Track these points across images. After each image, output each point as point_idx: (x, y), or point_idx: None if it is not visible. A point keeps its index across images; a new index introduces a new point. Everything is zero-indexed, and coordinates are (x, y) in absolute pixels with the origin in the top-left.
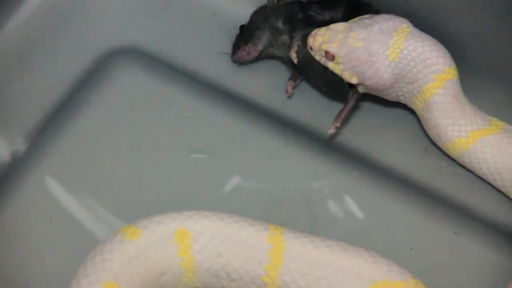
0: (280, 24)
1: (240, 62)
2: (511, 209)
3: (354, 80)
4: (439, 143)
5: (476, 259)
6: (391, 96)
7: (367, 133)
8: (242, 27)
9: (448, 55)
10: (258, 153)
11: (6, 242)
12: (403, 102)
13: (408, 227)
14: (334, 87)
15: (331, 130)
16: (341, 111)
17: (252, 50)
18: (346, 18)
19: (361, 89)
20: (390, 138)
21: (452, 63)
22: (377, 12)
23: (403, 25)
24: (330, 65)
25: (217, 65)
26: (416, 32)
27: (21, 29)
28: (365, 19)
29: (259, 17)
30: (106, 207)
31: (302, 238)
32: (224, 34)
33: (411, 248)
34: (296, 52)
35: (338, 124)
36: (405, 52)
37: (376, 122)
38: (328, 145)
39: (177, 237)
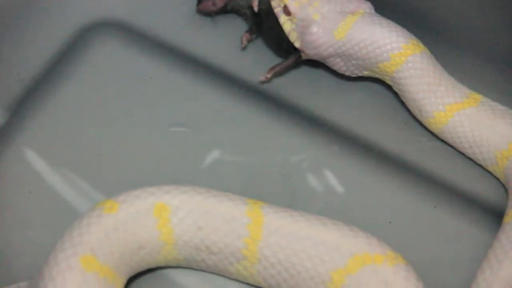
0: None
1: (205, 13)
2: (490, 183)
3: (297, 44)
4: (420, 118)
5: (455, 233)
6: (339, 67)
7: (347, 107)
8: None
9: (402, 33)
10: (238, 127)
11: None
12: (364, 75)
13: (388, 201)
14: (282, 46)
15: (262, 78)
16: (277, 64)
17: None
18: None
19: (303, 55)
20: (370, 112)
21: (409, 40)
22: None
23: (361, 10)
24: (282, 18)
25: (198, 39)
26: (368, 16)
27: (0, 1)
28: None
29: None
30: (85, 180)
31: (281, 212)
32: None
33: (390, 222)
34: (259, 1)
35: (268, 75)
36: (352, 33)
37: (356, 96)
38: (308, 119)
39: (155, 211)
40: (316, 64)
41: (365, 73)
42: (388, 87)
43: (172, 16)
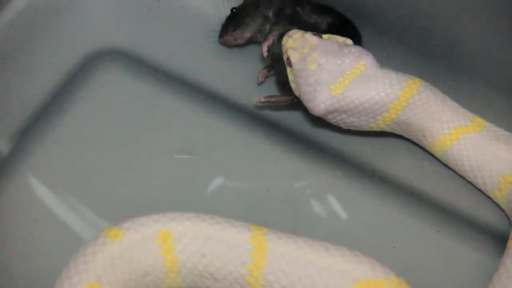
0: (270, 14)
1: (226, 45)
2: (492, 208)
3: (296, 93)
4: (424, 143)
5: (458, 257)
6: (331, 121)
7: (350, 133)
8: (233, 10)
9: (397, 81)
10: (241, 153)
11: None
12: (347, 128)
13: (391, 226)
14: (285, 88)
15: (256, 99)
16: (275, 95)
17: (239, 36)
18: (327, 29)
19: (299, 100)
20: (372, 137)
21: (405, 83)
22: (354, 29)
23: (361, 62)
24: (288, 70)
25: (200, 66)
26: (367, 73)
27: (6, 30)
28: (337, 43)
29: (252, 5)
30: (90, 207)
31: (285, 238)
32: (206, 36)
33: (394, 247)
34: (269, 47)
35: (263, 100)
36: (349, 91)
37: None
38: (311, 145)
39: (160, 238)
40: None
41: (363, 129)
42: None
43: (175, 45)
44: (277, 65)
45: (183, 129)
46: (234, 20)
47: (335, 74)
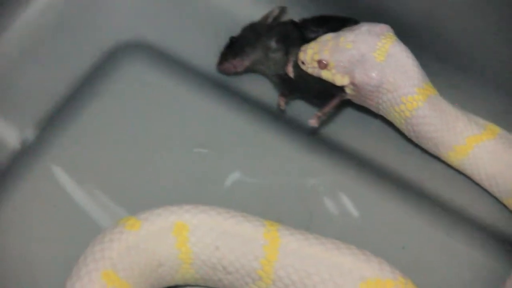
0: (273, 43)
1: (225, 73)
2: (504, 213)
3: (345, 81)
4: (437, 153)
5: (467, 261)
6: (373, 102)
7: (365, 133)
8: (232, 39)
9: (423, 72)
10: (258, 149)
11: (12, 227)
12: (382, 113)
13: (402, 227)
14: (325, 96)
15: (312, 121)
16: (325, 106)
17: (239, 64)
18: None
19: (349, 90)
20: (386, 138)
21: (427, 80)
22: (356, 23)
23: (389, 32)
24: (323, 74)
25: None
26: (399, 44)
27: (35, 22)
28: (351, 27)
29: (251, 33)
30: (109, 196)
31: (297, 235)
32: (231, 33)
33: (403, 248)
34: (293, 67)
35: (320, 114)
36: (391, 54)
37: (374, 123)
38: (326, 144)
39: (175, 230)
40: None
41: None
42: None
43: (197, 40)
44: (302, 83)
45: (203, 123)
46: (233, 48)
47: (372, 41)
